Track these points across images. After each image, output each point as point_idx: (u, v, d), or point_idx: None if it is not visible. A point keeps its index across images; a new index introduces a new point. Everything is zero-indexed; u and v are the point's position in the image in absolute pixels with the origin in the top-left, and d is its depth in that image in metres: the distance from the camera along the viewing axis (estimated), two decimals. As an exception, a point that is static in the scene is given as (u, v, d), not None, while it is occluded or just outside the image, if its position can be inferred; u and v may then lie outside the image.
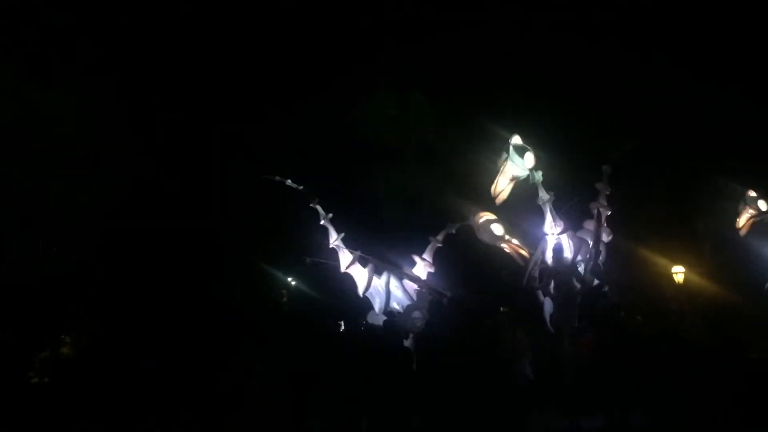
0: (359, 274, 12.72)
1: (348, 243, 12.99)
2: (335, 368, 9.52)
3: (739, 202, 14.19)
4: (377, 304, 12.49)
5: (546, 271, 12.60)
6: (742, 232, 13.98)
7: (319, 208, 13.08)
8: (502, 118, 14.84)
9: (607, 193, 13.19)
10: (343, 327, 12.54)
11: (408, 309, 12.08)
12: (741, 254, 14.90)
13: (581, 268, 12.57)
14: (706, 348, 10.55)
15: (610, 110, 20.30)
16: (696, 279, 20.41)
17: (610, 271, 12.96)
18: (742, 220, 13.94)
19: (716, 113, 20.75)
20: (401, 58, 21.38)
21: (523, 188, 13.15)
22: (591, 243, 12.67)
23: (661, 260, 21.07)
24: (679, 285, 20.77)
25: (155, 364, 10.78)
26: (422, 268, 12.75)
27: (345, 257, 12.85)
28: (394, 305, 12.30)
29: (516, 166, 12.83)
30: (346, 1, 22.67)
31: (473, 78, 21.57)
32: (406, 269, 12.68)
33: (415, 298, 12.38)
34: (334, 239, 12.93)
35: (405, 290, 12.45)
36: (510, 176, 12.92)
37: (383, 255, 12.99)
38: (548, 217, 12.92)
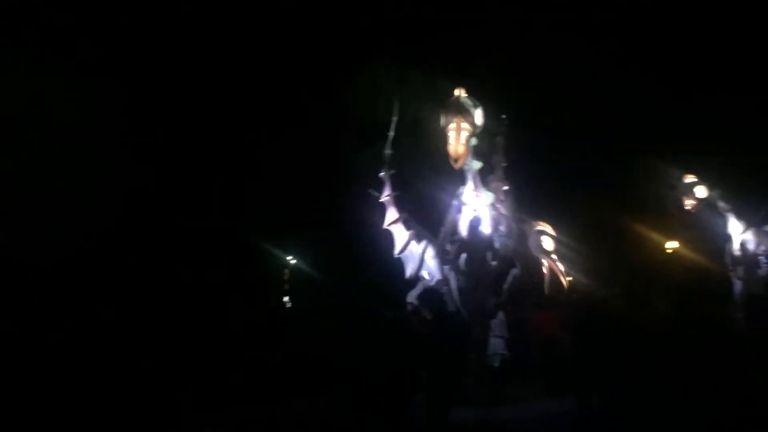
0: (399, 235, 12.86)
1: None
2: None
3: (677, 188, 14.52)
4: (409, 269, 12.67)
5: (458, 245, 12.02)
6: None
7: (386, 157, 12.99)
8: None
9: (503, 165, 12.80)
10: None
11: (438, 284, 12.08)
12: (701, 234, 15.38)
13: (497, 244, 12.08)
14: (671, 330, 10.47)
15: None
16: (665, 257, 21.02)
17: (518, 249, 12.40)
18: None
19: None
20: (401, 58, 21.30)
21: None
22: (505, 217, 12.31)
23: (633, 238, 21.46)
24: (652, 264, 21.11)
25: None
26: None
27: (391, 215, 12.91)
28: (424, 274, 12.51)
29: (468, 124, 12.24)
30: (346, 1, 22.20)
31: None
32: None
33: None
34: (386, 194, 12.96)
35: (439, 264, 12.48)
36: (466, 135, 12.23)
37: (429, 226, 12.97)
38: (470, 185, 12.38)
